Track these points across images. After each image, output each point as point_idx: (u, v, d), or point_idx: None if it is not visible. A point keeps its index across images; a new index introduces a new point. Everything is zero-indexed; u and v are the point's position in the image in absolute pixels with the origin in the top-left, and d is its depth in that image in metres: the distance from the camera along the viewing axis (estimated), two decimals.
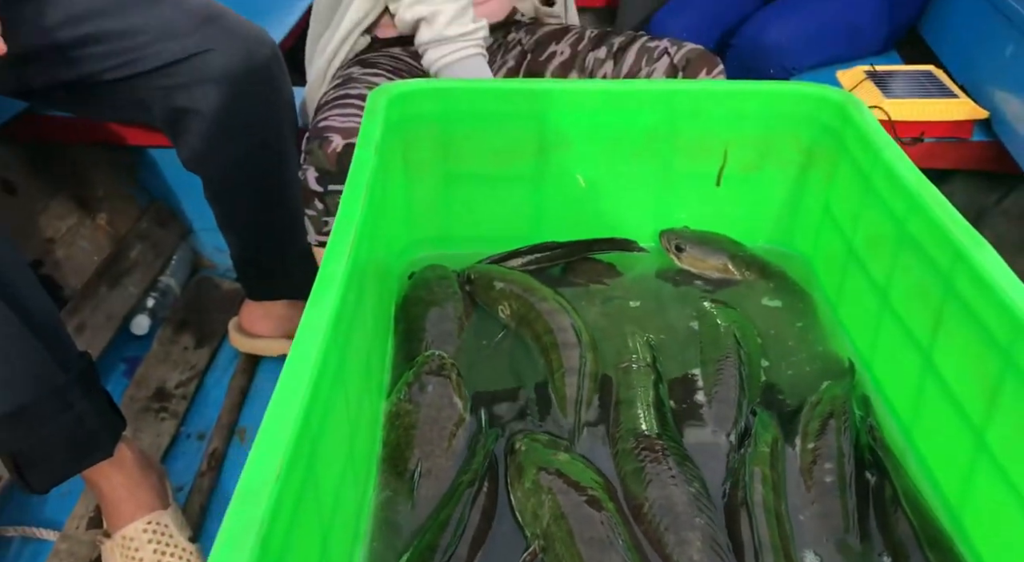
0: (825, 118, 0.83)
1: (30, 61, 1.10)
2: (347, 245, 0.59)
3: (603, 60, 1.31)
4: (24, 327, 0.95)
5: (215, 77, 1.08)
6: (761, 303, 0.83)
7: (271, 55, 1.14)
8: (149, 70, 1.09)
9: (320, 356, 0.49)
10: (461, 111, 0.84)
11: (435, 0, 1.19)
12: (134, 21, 1.08)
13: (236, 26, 1.12)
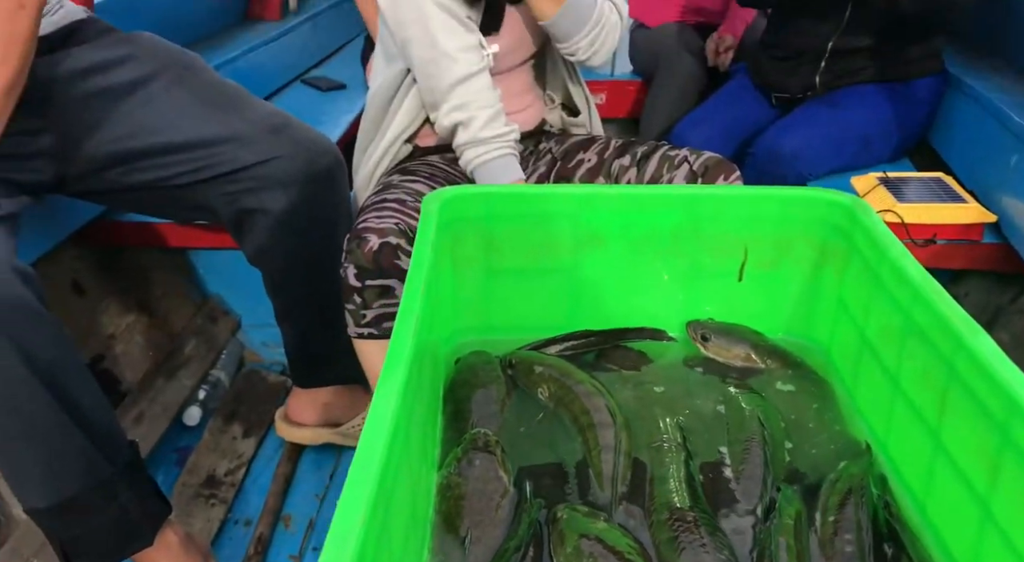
0: (835, 220, 0.91)
1: (108, 166, 1.22)
2: (410, 333, 0.66)
3: (627, 167, 1.41)
4: (74, 424, 1.03)
5: (282, 181, 1.19)
6: (782, 389, 0.89)
7: (333, 161, 1.26)
8: (220, 175, 1.20)
9: (391, 428, 0.56)
10: (503, 213, 0.93)
11: (471, 107, 1.32)
12: (208, 131, 1.20)
13: (301, 134, 1.24)
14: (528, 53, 1.47)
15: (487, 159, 1.34)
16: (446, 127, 1.35)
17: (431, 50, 1.31)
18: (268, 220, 1.22)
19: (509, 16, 1.40)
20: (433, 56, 1.31)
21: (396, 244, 1.18)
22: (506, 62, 1.42)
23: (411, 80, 1.40)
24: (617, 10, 1.42)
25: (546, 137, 1.57)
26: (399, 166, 1.47)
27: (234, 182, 1.20)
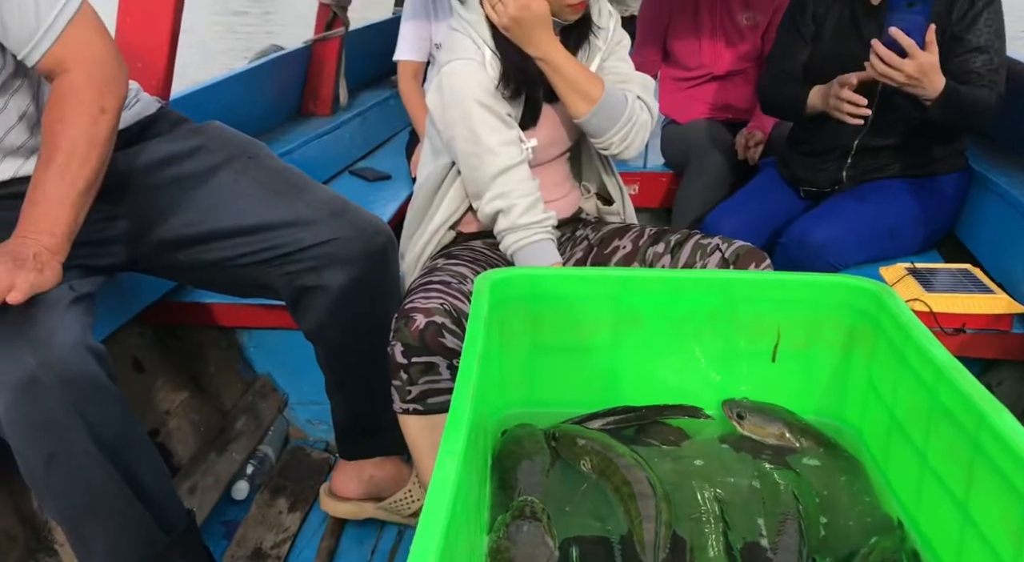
0: (863, 305, 0.97)
1: (178, 248, 1.32)
2: (468, 401, 0.72)
3: (661, 254, 1.48)
4: (134, 497, 1.09)
5: (340, 260, 1.28)
6: (816, 466, 0.93)
7: (387, 241, 1.35)
8: (283, 256, 1.29)
9: (454, 491, 0.61)
10: (548, 293, 1.00)
11: (511, 196, 1.41)
12: (273, 216, 1.30)
13: (359, 217, 1.33)
14: (564, 147, 1.57)
15: (526, 243, 1.42)
16: (488, 214, 1.44)
17: (475, 145, 1.40)
18: (326, 297, 1.30)
19: (546, 113, 1.50)
20: (476, 150, 1.41)
21: (441, 323, 1.25)
22: (544, 155, 1.51)
23: (455, 172, 1.50)
24: (648, 108, 1.52)
25: (582, 224, 1.65)
26: (443, 250, 1.56)
27: (296, 262, 1.29)
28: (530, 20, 1.37)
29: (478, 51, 1.40)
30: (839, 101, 1.80)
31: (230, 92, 2.23)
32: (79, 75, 1.13)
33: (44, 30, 1.11)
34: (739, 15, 2.53)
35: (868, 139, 1.92)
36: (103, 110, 1.13)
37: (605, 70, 1.51)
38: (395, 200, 2.33)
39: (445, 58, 1.42)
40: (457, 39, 1.43)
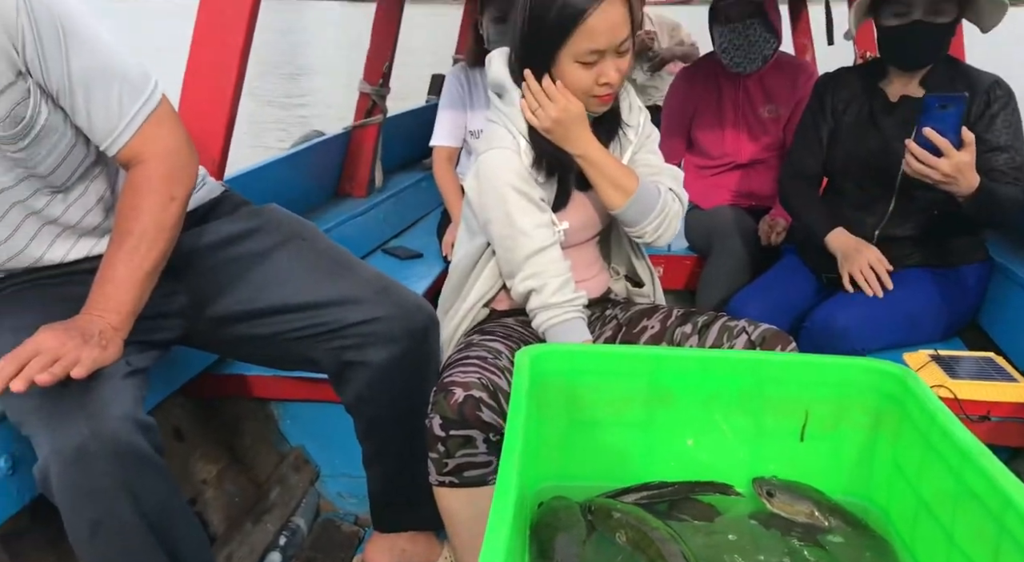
0: (888, 388, 1.01)
1: (232, 323, 1.39)
2: (514, 474, 0.77)
3: (689, 334, 1.53)
4: None
5: (383, 337, 1.34)
6: (844, 544, 0.95)
7: (428, 319, 1.41)
8: (329, 332, 1.35)
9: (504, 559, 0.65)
10: (584, 369, 1.05)
11: (543, 275, 1.47)
12: (322, 294, 1.36)
13: (402, 296, 1.40)
14: (595, 230, 1.64)
15: (558, 322, 1.47)
16: (521, 293, 1.50)
17: (509, 227, 1.48)
18: (369, 371, 1.35)
19: (578, 198, 1.58)
20: (511, 232, 1.48)
21: (479, 397, 1.30)
22: (575, 237, 1.59)
23: (490, 253, 1.57)
24: (679, 199, 1.59)
25: (611, 304, 1.70)
26: (478, 327, 1.61)
27: (341, 338, 1.35)
28: (569, 121, 1.45)
29: (514, 141, 1.49)
30: (864, 270, 1.89)
31: (275, 174, 2.35)
32: (153, 166, 1.22)
33: (125, 124, 1.20)
34: (761, 108, 2.64)
35: (888, 229, 1.97)
36: (173, 198, 1.22)
37: (636, 162, 1.59)
38: (427, 277, 2.41)
39: (483, 147, 1.51)
40: (494, 129, 1.52)
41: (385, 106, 2.96)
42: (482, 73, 2.67)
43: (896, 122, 1.94)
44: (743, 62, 2.54)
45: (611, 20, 1.37)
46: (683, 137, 2.76)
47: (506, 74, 1.50)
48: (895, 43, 1.88)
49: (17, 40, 1.11)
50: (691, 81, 2.73)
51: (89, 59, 1.16)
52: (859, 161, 1.98)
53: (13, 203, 1.21)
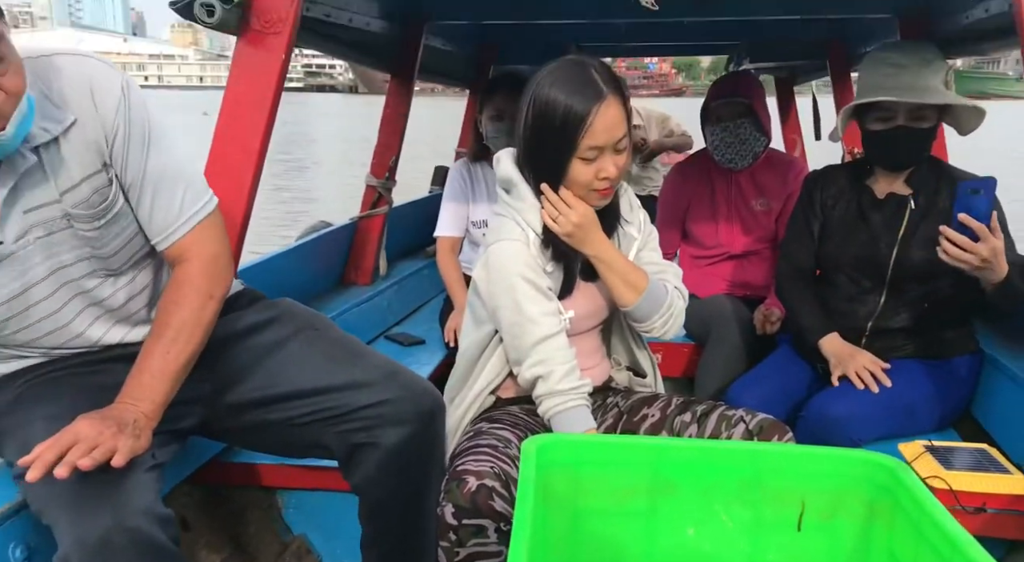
0: (881, 480, 1.04)
1: (247, 409, 1.43)
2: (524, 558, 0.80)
3: (688, 423, 1.57)
4: None
5: (392, 420, 1.39)
6: None
7: (435, 403, 1.45)
8: (340, 415, 1.40)
9: None
10: (589, 460, 1.09)
11: (550, 362, 1.52)
12: (333, 379, 1.42)
13: (411, 379, 1.45)
14: (598, 320, 1.70)
15: (564, 409, 1.52)
16: (528, 379, 1.55)
17: (518, 315, 1.53)
18: (378, 453, 1.39)
19: (584, 288, 1.64)
20: (519, 320, 1.53)
21: (492, 487, 1.32)
22: (580, 326, 1.64)
23: (497, 340, 1.62)
24: (682, 296, 1.68)
25: (613, 392, 1.75)
26: (484, 415, 1.65)
27: (351, 421, 1.40)
28: (587, 225, 1.55)
29: (522, 233, 1.57)
30: (860, 371, 1.94)
31: (284, 264, 2.43)
32: (198, 266, 1.33)
33: (181, 223, 1.33)
34: (753, 201, 2.74)
35: (881, 321, 2.03)
36: (211, 297, 1.33)
37: (641, 261, 1.67)
38: (429, 364, 2.45)
39: (492, 238, 1.59)
40: (503, 222, 1.60)
41: (391, 198, 3.06)
42: (483, 167, 2.80)
43: (884, 218, 2.03)
44: (734, 159, 2.66)
45: (609, 120, 1.47)
46: (678, 229, 2.86)
47: (515, 171, 1.59)
48: (880, 146, 1.97)
49: (110, 135, 1.25)
50: (685, 175, 2.85)
51: (164, 161, 1.31)
52: (849, 256, 2.05)
53: (68, 281, 1.30)
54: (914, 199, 2.00)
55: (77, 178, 1.25)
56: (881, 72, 1.91)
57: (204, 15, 1.69)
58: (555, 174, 1.53)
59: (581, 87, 1.47)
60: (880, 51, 1.99)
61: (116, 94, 1.25)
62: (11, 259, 1.24)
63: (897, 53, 1.94)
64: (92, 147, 1.24)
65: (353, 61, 2.89)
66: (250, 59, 1.77)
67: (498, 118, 2.68)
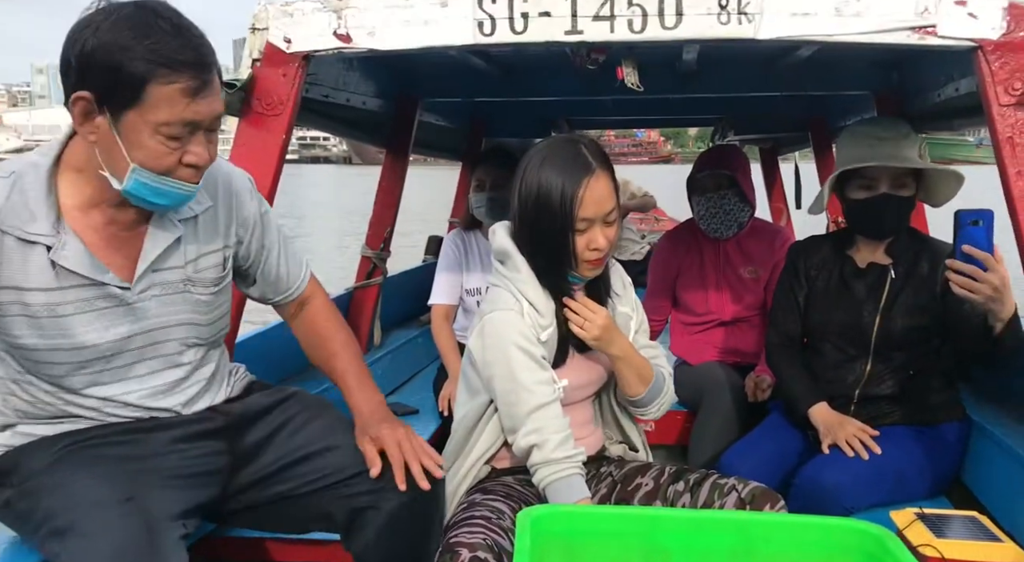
0: (869, 548, 1.07)
1: (257, 483, 1.49)
2: None
3: (681, 492, 1.58)
4: None
5: (394, 485, 1.42)
6: None
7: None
8: (342, 480, 1.44)
9: None
10: (583, 530, 1.11)
11: (544, 430, 1.55)
12: (337, 440, 1.47)
13: None
14: (591, 390, 1.73)
15: (558, 478, 1.53)
16: (523, 448, 1.57)
17: (512, 383, 1.56)
18: (379, 518, 1.42)
19: (577, 359, 1.68)
20: (514, 387, 1.56)
21: (484, 558, 1.33)
22: (573, 396, 1.67)
23: (492, 410, 1.64)
24: (671, 378, 1.76)
25: (606, 462, 1.76)
26: (479, 486, 1.66)
27: (351, 485, 1.45)
28: (611, 327, 1.63)
29: (517, 303, 1.61)
30: (850, 439, 1.97)
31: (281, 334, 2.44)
32: (323, 298, 1.70)
33: (305, 271, 1.67)
34: (741, 269, 2.79)
35: (868, 388, 2.07)
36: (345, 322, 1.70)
37: (637, 344, 1.73)
38: (423, 434, 2.44)
39: (488, 308, 1.63)
40: (498, 293, 1.64)
41: (385, 268, 3.11)
42: (476, 236, 2.86)
43: (865, 287, 2.08)
44: (719, 229, 2.73)
45: (598, 193, 1.54)
46: (668, 296, 2.90)
47: (510, 244, 1.64)
48: (864, 214, 2.04)
49: (247, 231, 1.54)
50: (674, 243, 2.91)
51: (278, 229, 1.62)
52: (834, 324, 2.10)
53: (163, 340, 1.44)
54: (894, 268, 2.06)
55: (203, 251, 1.46)
56: (863, 144, 1.98)
57: None
58: (557, 248, 1.57)
59: (571, 163, 1.54)
60: (859, 125, 2.09)
61: (247, 187, 1.55)
62: (129, 308, 1.38)
63: (876, 127, 2.02)
64: (221, 229, 1.49)
65: (350, 138, 2.98)
66: (251, 139, 1.84)
67: (480, 188, 2.78)
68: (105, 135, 1.24)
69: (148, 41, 1.19)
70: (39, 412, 1.40)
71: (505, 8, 1.69)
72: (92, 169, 1.29)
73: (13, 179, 1.30)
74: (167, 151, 1.25)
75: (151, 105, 1.21)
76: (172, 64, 1.20)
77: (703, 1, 1.64)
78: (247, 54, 1.83)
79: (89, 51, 1.19)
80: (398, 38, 1.75)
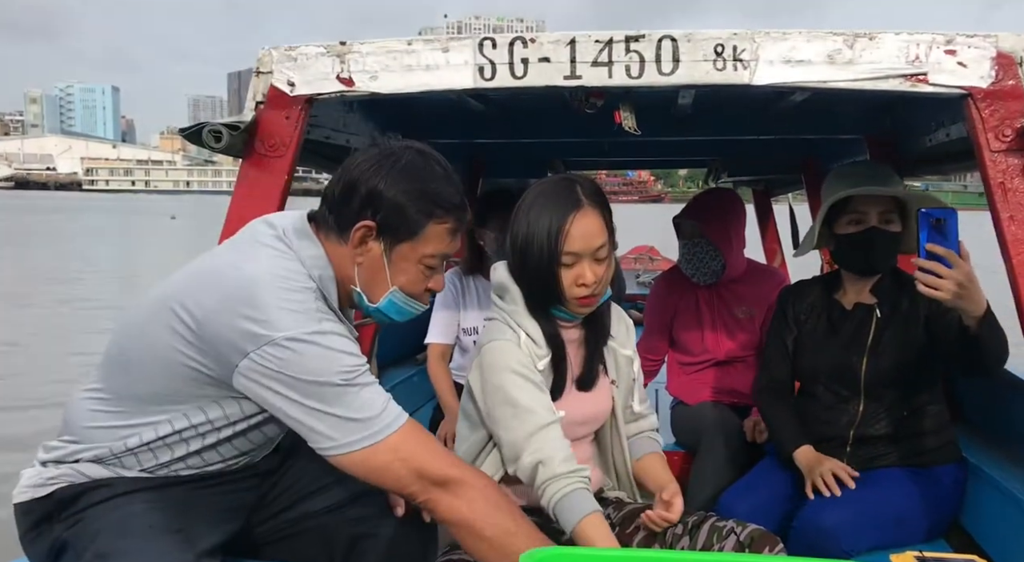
0: None
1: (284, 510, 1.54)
2: None
3: (680, 535, 1.58)
4: None
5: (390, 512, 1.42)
6: None
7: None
8: (347, 501, 1.44)
9: None
10: None
11: (548, 449, 1.54)
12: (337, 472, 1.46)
13: None
14: (590, 429, 1.74)
15: (568, 491, 1.51)
16: (527, 467, 1.54)
17: (512, 407, 1.56)
18: (378, 544, 1.45)
19: (576, 396, 1.69)
20: (514, 411, 1.56)
21: None
22: (571, 432, 1.66)
23: (491, 446, 1.64)
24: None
25: (605, 503, 1.75)
26: None
27: (360, 506, 1.49)
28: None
29: (514, 334, 1.63)
30: (825, 476, 1.98)
31: None
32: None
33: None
34: (736, 309, 2.81)
35: (863, 429, 2.07)
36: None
37: (639, 417, 1.82)
38: None
39: (486, 339, 1.65)
40: (495, 324, 1.67)
41: None
42: (475, 279, 2.88)
43: (852, 329, 2.10)
44: (696, 273, 2.77)
45: (585, 228, 1.57)
46: (666, 336, 2.91)
47: (508, 278, 1.68)
48: (852, 249, 2.05)
49: None
50: (670, 284, 2.93)
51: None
52: (824, 366, 2.12)
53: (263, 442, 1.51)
54: (879, 308, 2.08)
55: None
56: (848, 182, 2.01)
57: (212, 141, 1.79)
58: (544, 282, 1.60)
59: (562, 199, 1.58)
60: (845, 167, 2.14)
61: None
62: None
63: (863, 167, 2.09)
64: None
65: None
66: (254, 181, 1.86)
67: (502, 230, 2.80)
68: (375, 260, 1.42)
69: (432, 186, 1.40)
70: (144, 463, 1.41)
71: (505, 54, 1.73)
72: (344, 283, 1.46)
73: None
74: (423, 278, 1.45)
75: (424, 239, 1.41)
76: (448, 207, 1.41)
77: (699, 48, 1.68)
78: (251, 96, 1.86)
79: (379, 191, 1.38)
80: (400, 82, 1.78)
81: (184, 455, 1.41)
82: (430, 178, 1.41)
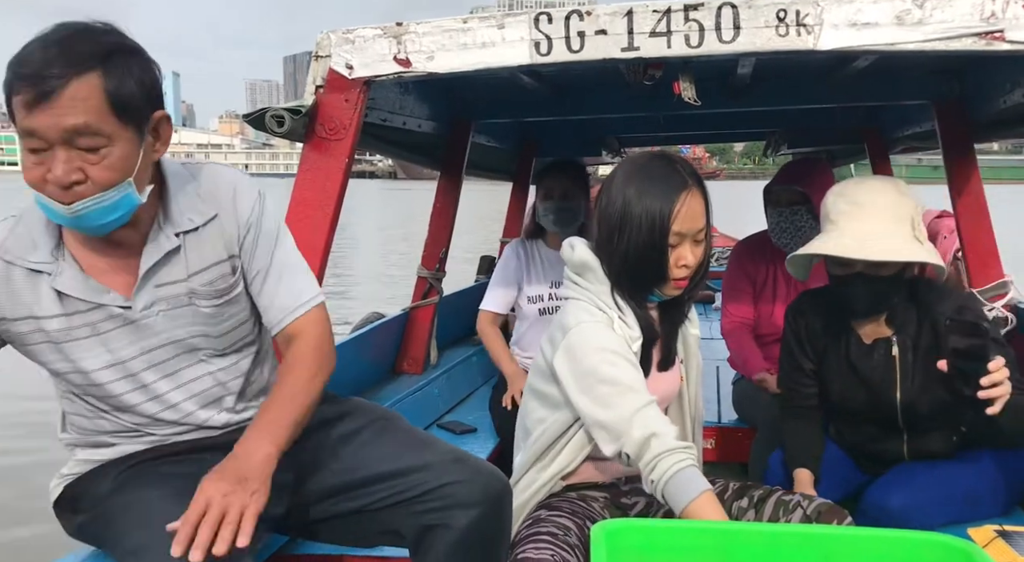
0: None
1: (326, 498, 1.50)
2: None
3: (745, 509, 1.56)
4: None
5: (464, 502, 1.42)
6: None
7: (503, 486, 1.48)
8: (412, 498, 1.44)
9: None
10: (659, 544, 1.10)
11: (660, 424, 1.49)
12: (405, 463, 1.47)
13: (478, 464, 1.49)
14: (665, 405, 1.72)
15: (681, 468, 1.44)
16: (637, 441, 1.47)
17: (613, 386, 1.52)
18: (449, 535, 1.42)
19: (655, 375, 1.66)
20: (617, 390, 1.52)
21: None
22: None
23: (577, 426, 1.62)
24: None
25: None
26: (544, 502, 1.66)
27: (423, 503, 1.44)
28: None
29: (603, 315, 1.59)
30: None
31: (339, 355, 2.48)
32: (310, 344, 1.48)
33: (300, 304, 1.48)
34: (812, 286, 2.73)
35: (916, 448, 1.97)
36: (318, 373, 1.46)
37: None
38: (481, 452, 2.46)
39: (572, 322, 1.60)
40: (580, 306, 1.62)
41: (441, 288, 3.14)
42: (538, 245, 2.91)
43: (872, 365, 1.93)
44: (790, 244, 2.64)
45: (693, 209, 1.55)
46: (749, 302, 2.79)
47: (592, 257, 1.63)
48: (840, 292, 1.90)
49: (243, 230, 1.45)
50: (750, 253, 2.81)
51: (287, 253, 1.52)
52: (857, 403, 1.98)
53: (173, 355, 1.44)
54: (897, 341, 1.92)
55: (207, 263, 1.43)
56: (837, 209, 1.85)
57: (275, 125, 1.82)
58: (647, 263, 1.56)
59: (668, 178, 1.55)
60: (843, 186, 1.90)
61: (253, 198, 1.48)
62: (135, 325, 1.39)
63: (861, 190, 1.85)
64: (225, 239, 1.45)
65: (406, 160, 3.04)
66: (315, 164, 1.89)
67: (548, 198, 2.82)
68: None
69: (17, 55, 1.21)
70: (98, 428, 1.46)
71: (561, 28, 1.71)
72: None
73: (20, 214, 1.37)
74: (28, 165, 1.25)
75: (16, 117, 1.23)
76: (17, 76, 1.20)
77: (760, 14, 1.64)
78: (311, 80, 1.88)
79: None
80: (456, 61, 1.78)
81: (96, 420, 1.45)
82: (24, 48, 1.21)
